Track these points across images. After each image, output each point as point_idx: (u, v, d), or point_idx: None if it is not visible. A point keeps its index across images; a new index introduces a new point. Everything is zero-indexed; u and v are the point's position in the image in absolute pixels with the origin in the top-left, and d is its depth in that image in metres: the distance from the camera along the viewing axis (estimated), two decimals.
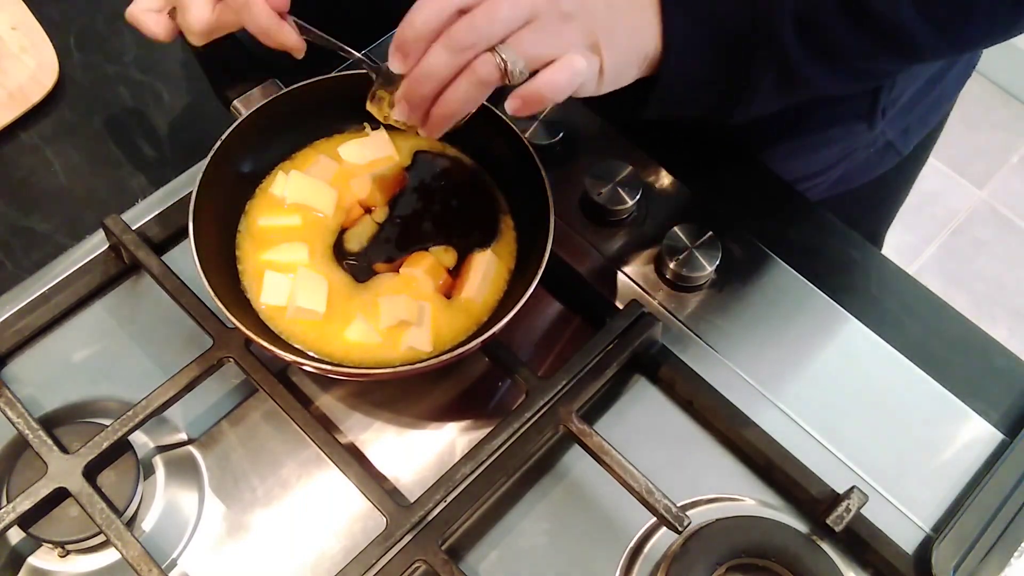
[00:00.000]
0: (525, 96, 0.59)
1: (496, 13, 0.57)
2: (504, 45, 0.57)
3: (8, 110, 0.84)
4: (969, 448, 0.73)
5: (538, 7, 0.58)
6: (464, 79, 0.58)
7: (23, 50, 0.87)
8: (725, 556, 0.66)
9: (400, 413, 0.73)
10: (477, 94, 0.59)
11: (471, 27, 0.57)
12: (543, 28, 0.58)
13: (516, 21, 0.58)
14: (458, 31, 0.57)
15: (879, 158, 0.95)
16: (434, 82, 0.59)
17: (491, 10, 0.57)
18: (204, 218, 0.69)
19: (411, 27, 0.58)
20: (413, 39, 0.58)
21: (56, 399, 0.72)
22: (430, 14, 0.58)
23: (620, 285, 0.78)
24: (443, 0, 0.58)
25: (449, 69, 0.58)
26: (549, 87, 0.58)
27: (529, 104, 0.59)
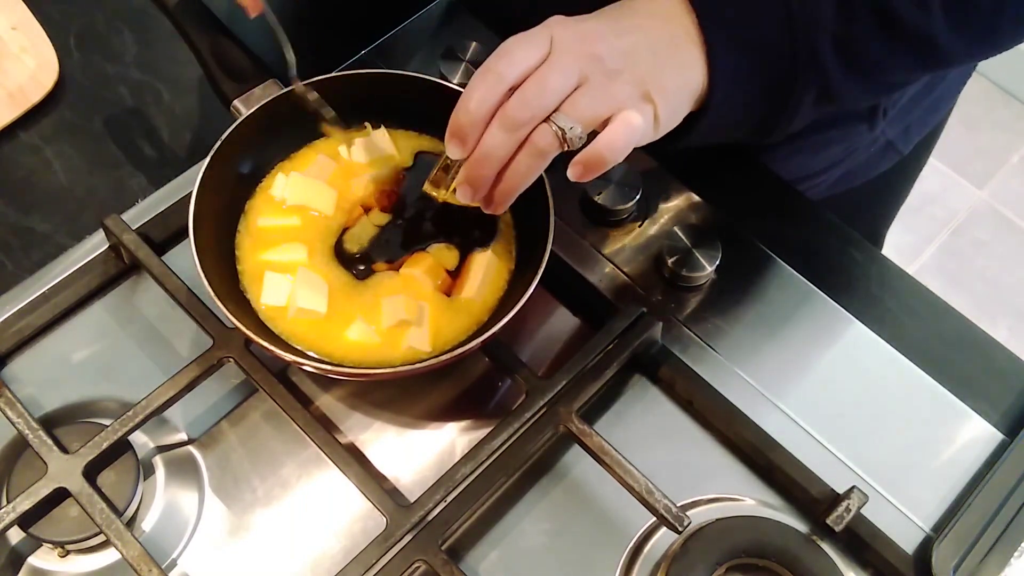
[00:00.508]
0: (586, 161, 0.59)
1: (546, 84, 0.57)
2: (558, 113, 0.58)
3: (8, 110, 0.84)
4: (969, 448, 0.73)
5: (585, 69, 0.58)
6: (524, 154, 0.59)
7: (23, 50, 0.87)
8: (725, 556, 0.66)
9: (400, 413, 0.73)
10: (537, 166, 0.60)
11: (524, 103, 0.57)
12: (594, 89, 0.58)
13: (567, 88, 0.58)
14: (512, 109, 0.57)
15: (879, 158, 0.95)
16: (495, 163, 0.59)
17: (541, 82, 0.57)
18: (204, 218, 0.69)
19: (465, 113, 0.58)
20: (469, 124, 0.59)
21: (56, 399, 0.72)
22: (482, 97, 0.58)
23: (620, 285, 0.78)
24: (492, 80, 0.58)
25: (508, 148, 0.59)
26: (609, 148, 0.59)
27: (591, 168, 0.60)
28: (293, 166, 0.76)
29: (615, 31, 0.60)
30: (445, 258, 0.73)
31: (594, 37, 0.59)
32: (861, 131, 0.89)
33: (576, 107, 0.58)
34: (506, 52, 0.58)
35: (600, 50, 0.59)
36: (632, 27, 0.60)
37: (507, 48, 0.58)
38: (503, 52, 0.58)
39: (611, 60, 0.59)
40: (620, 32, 0.60)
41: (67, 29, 0.90)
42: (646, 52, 0.60)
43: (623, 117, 0.59)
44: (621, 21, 0.61)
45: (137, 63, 0.89)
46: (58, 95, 0.86)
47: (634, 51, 0.59)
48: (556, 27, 0.59)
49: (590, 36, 0.59)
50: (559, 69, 0.58)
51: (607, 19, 0.61)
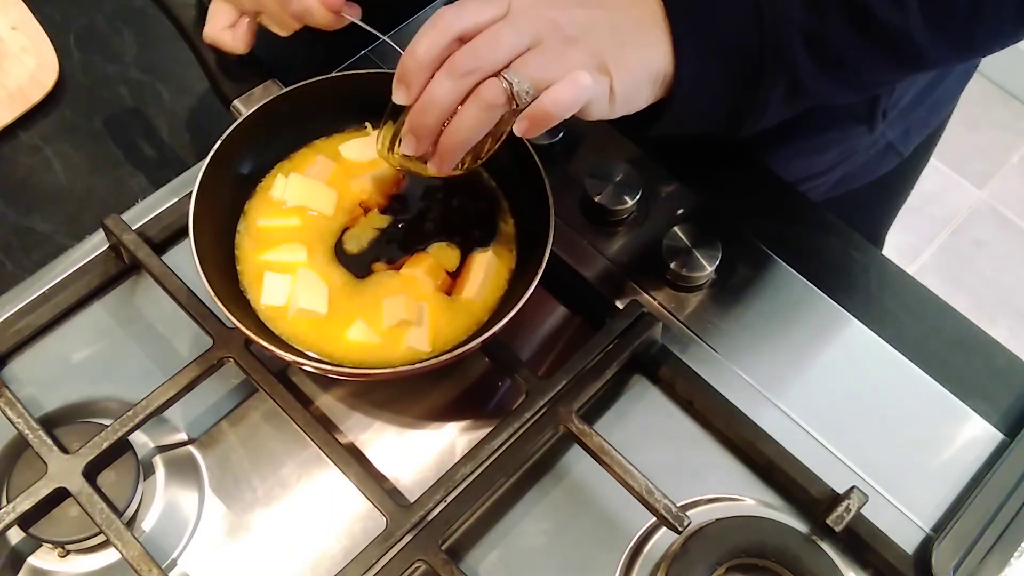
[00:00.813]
0: (532, 115, 0.58)
1: (499, 39, 0.57)
2: (509, 69, 0.57)
3: (8, 110, 0.84)
4: (969, 448, 0.73)
5: (541, 32, 0.58)
6: (470, 104, 0.58)
7: (23, 50, 0.87)
8: (725, 556, 0.66)
9: (400, 413, 0.73)
10: (485, 118, 0.59)
11: (473, 53, 0.57)
12: (547, 51, 0.58)
13: (519, 46, 0.57)
14: (461, 57, 0.57)
15: (880, 159, 0.95)
16: (439, 110, 0.58)
17: (493, 36, 0.57)
18: (204, 218, 0.69)
19: (412, 57, 0.58)
20: (415, 69, 0.58)
21: (56, 399, 0.72)
22: (431, 43, 0.57)
23: (620, 285, 0.78)
24: (442, 28, 0.57)
25: (454, 95, 0.58)
26: (554, 103, 0.58)
27: (536, 123, 0.59)
28: (293, 166, 0.76)
29: (578, 2, 0.59)
30: (445, 258, 0.73)
31: (554, 4, 0.58)
32: (861, 133, 0.89)
33: (527, 65, 0.57)
34: (460, 5, 0.57)
35: (559, 17, 0.58)
36: (596, 2, 0.60)
37: (462, 2, 0.58)
38: (458, 5, 0.57)
39: (569, 28, 0.58)
40: (583, 4, 0.59)
41: (67, 29, 0.90)
42: (606, 27, 0.59)
43: (572, 76, 0.58)
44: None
45: (137, 63, 0.89)
46: (58, 95, 0.86)
47: (594, 24, 0.59)
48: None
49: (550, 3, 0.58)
50: (513, 27, 0.57)
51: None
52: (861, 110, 0.87)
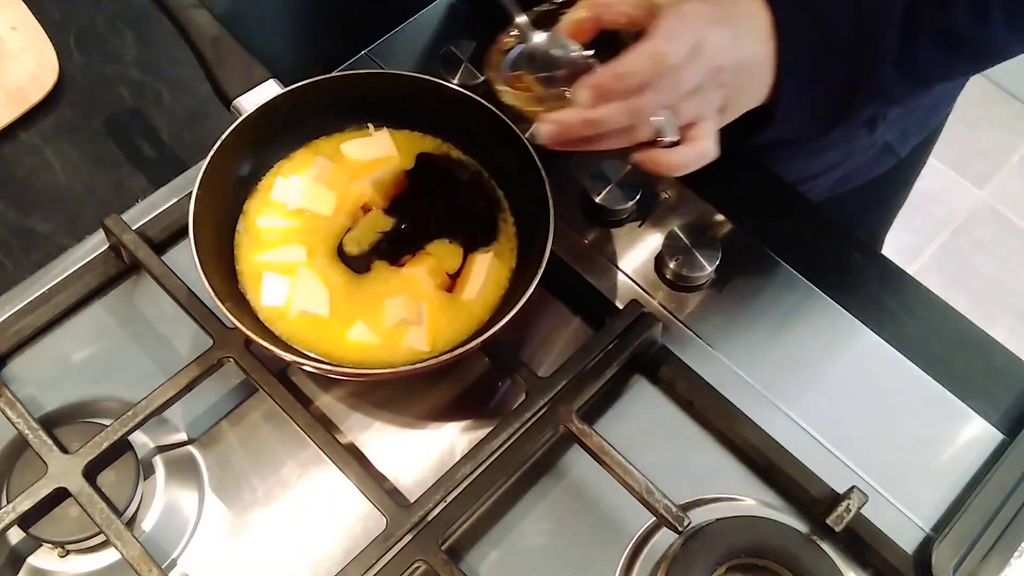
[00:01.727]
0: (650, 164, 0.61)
1: (678, 90, 0.59)
2: (667, 112, 0.59)
3: (8, 110, 0.84)
4: (969, 448, 0.73)
5: (706, 79, 0.60)
6: (622, 136, 0.60)
7: (23, 50, 0.87)
8: (725, 556, 0.66)
9: (400, 413, 0.73)
10: (624, 143, 0.61)
11: (657, 100, 0.58)
12: (702, 100, 0.60)
13: (687, 93, 0.59)
14: (646, 102, 0.58)
15: (877, 160, 0.95)
16: (600, 130, 0.60)
17: (675, 88, 0.58)
18: (204, 218, 0.69)
19: (620, 80, 0.58)
20: (621, 90, 0.58)
21: (56, 399, 0.72)
22: (644, 75, 0.58)
23: (620, 285, 0.78)
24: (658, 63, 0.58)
25: (620, 127, 0.59)
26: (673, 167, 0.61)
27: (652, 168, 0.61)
28: (293, 166, 0.76)
29: (739, 44, 0.61)
30: (446, 258, 0.73)
31: (728, 49, 0.60)
32: (861, 135, 0.90)
33: (680, 112, 0.60)
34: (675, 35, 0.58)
35: (725, 64, 0.60)
36: (749, 39, 0.62)
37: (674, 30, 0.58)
38: (673, 33, 0.58)
39: (726, 75, 0.61)
40: (741, 45, 0.61)
41: (67, 29, 0.90)
42: (746, 71, 0.62)
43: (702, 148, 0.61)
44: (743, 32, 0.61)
45: (137, 63, 0.89)
46: (58, 95, 0.86)
47: (738, 69, 0.61)
48: (705, 31, 0.59)
49: (726, 48, 0.60)
50: (693, 80, 0.59)
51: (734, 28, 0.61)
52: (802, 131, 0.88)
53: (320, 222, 0.74)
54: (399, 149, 0.77)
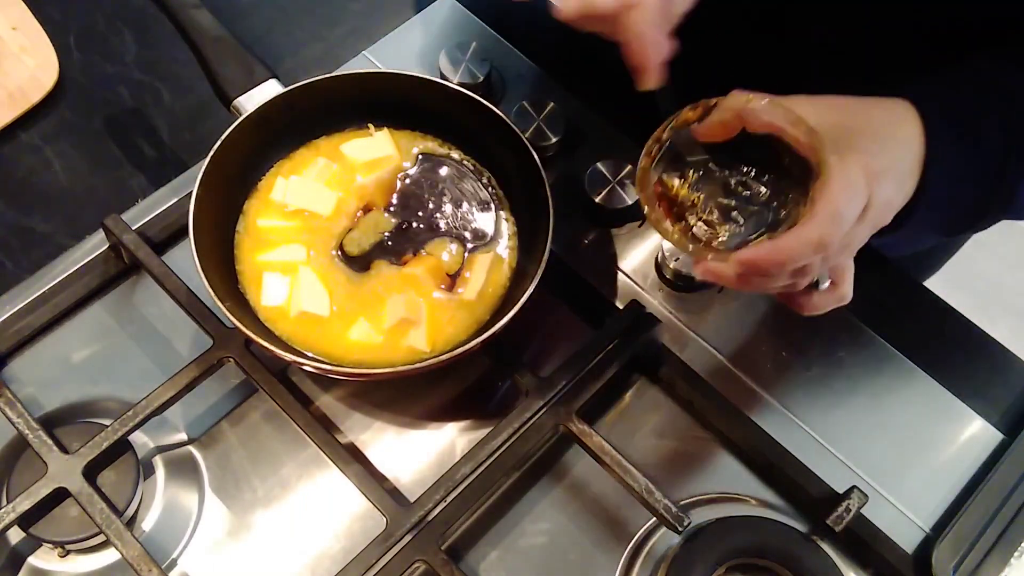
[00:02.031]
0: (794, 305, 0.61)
1: (849, 251, 0.58)
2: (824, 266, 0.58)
3: (8, 110, 0.84)
4: (969, 448, 0.73)
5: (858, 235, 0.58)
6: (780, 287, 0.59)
7: (23, 50, 0.87)
8: (725, 556, 0.66)
9: (400, 413, 0.73)
10: (783, 288, 0.60)
11: (822, 268, 0.58)
12: (853, 245, 0.59)
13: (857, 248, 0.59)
14: (813, 269, 0.57)
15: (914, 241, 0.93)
16: (759, 287, 0.58)
17: (846, 248, 0.58)
18: (204, 218, 0.69)
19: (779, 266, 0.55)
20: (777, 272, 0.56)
21: (56, 399, 0.72)
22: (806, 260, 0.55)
23: (620, 285, 0.78)
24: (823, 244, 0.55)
25: (783, 283, 0.58)
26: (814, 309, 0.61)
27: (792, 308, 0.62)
28: (293, 166, 0.76)
29: (900, 187, 0.59)
30: (446, 258, 0.73)
31: (892, 204, 0.58)
32: None
33: (837, 263, 0.59)
34: (840, 217, 0.55)
35: (884, 219, 0.58)
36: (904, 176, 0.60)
37: (841, 212, 0.55)
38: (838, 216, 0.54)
39: (881, 218, 0.58)
40: (900, 193, 0.59)
41: (67, 29, 0.90)
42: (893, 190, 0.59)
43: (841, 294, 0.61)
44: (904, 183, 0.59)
45: (137, 63, 0.89)
46: (58, 95, 0.86)
47: (891, 210, 0.59)
48: (874, 185, 0.57)
49: (891, 204, 0.58)
50: (858, 242, 0.58)
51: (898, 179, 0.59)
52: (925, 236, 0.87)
53: (320, 222, 0.74)
54: (399, 149, 0.77)
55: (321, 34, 0.91)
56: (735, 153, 0.60)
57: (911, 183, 0.60)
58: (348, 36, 0.90)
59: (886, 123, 0.60)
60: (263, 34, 0.78)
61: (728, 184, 0.60)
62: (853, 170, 0.56)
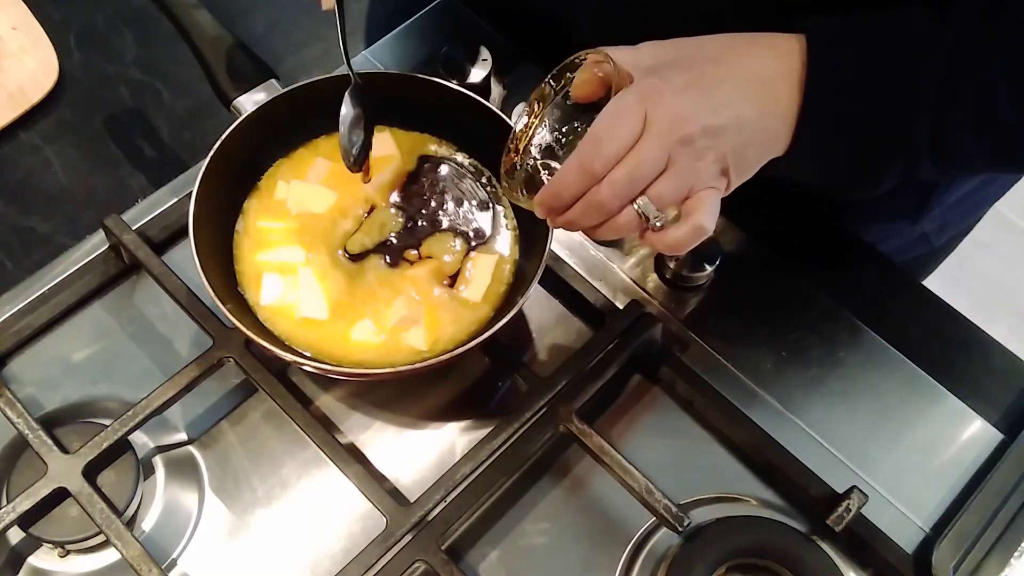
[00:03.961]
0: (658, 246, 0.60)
1: (637, 173, 0.57)
2: (644, 199, 0.58)
3: (8, 110, 0.84)
4: (969, 448, 0.73)
5: (674, 151, 0.58)
6: (607, 227, 0.60)
7: (23, 50, 0.87)
8: (725, 556, 0.66)
9: (400, 413, 0.73)
10: (617, 235, 0.60)
11: (613, 192, 0.57)
12: (678, 173, 0.58)
13: (655, 174, 0.58)
14: (603, 196, 0.57)
15: (912, 246, 0.93)
16: (576, 228, 0.60)
17: (631, 171, 0.57)
18: (204, 218, 0.69)
19: (555, 197, 0.59)
20: (558, 205, 0.59)
21: (56, 399, 0.72)
22: (574, 185, 0.58)
23: (620, 285, 0.78)
24: (585, 175, 0.57)
25: (595, 222, 0.59)
26: (672, 246, 0.60)
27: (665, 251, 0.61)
28: (293, 165, 0.76)
29: (710, 108, 0.59)
30: (448, 258, 0.73)
31: (688, 118, 0.58)
32: (903, 226, 0.88)
33: (661, 195, 0.58)
34: (598, 140, 0.57)
35: (692, 132, 0.58)
36: (727, 101, 0.59)
37: (600, 135, 0.56)
38: (596, 139, 0.57)
39: (700, 141, 0.58)
40: (714, 109, 0.59)
41: (67, 29, 0.90)
42: (734, 130, 0.59)
43: (696, 223, 0.59)
44: (717, 94, 0.59)
45: (137, 63, 0.89)
46: (58, 95, 0.86)
47: (723, 130, 0.59)
48: (651, 102, 0.57)
49: (684, 118, 0.58)
50: (650, 158, 0.57)
51: (703, 92, 0.59)
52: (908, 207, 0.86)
53: (320, 222, 0.74)
54: (399, 149, 0.77)
55: (321, 34, 0.91)
56: None
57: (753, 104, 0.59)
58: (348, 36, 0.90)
59: (728, 49, 0.60)
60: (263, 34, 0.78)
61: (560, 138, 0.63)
62: (623, 96, 0.57)
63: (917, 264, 0.99)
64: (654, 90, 0.57)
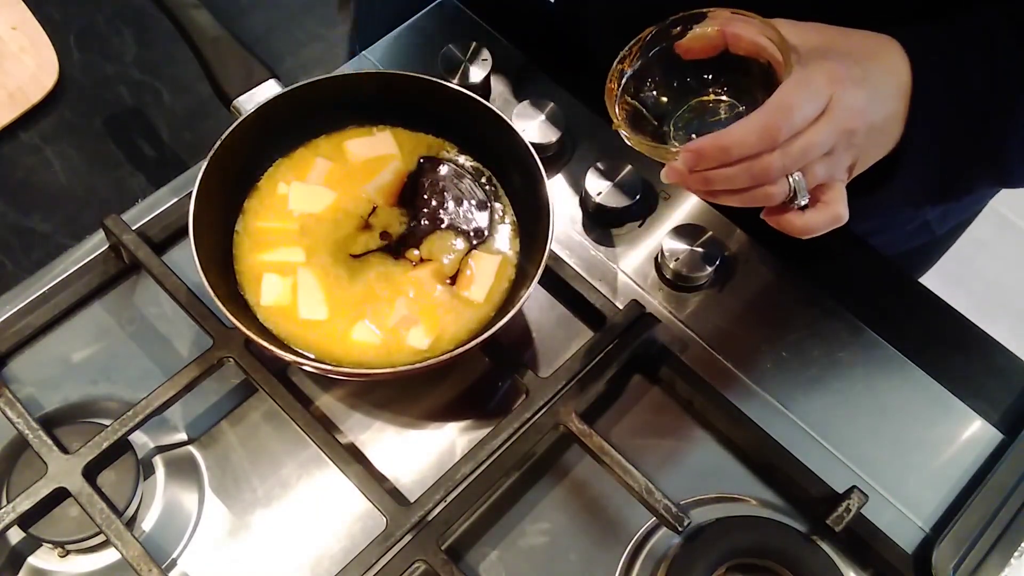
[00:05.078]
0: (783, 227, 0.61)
1: (808, 153, 0.57)
2: (798, 173, 0.58)
3: (8, 110, 0.84)
4: (969, 448, 0.73)
5: (839, 141, 0.58)
6: (751, 194, 0.59)
7: (23, 50, 0.87)
8: (725, 556, 0.66)
9: (400, 413, 0.73)
10: (747, 204, 0.60)
11: (783, 164, 0.57)
12: (835, 161, 0.59)
13: (820, 155, 0.58)
14: (772, 162, 0.56)
15: (912, 235, 0.93)
16: (716, 188, 0.58)
17: (806, 150, 0.57)
18: (204, 218, 0.69)
19: (724, 153, 0.56)
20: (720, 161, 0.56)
21: (56, 399, 0.72)
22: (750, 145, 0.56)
23: (620, 285, 0.78)
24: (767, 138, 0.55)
25: (743, 187, 0.58)
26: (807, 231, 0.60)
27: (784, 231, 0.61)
28: (292, 166, 0.76)
29: (876, 106, 0.59)
30: (446, 258, 0.73)
31: (862, 113, 0.58)
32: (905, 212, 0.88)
33: (815, 175, 0.59)
34: (789, 109, 0.55)
35: (859, 127, 0.58)
36: (885, 98, 0.60)
37: (792, 104, 0.55)
38: (788, 107, 0.55)
39: (859, 137, 0.59)
40: (878, 108, 0.60)
41: (67, 29, 0.90)
42: (878, 132, 0.61)
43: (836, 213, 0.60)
44: (880, 92, 0.60)
45: (137, 63, 0.89)
46: (58, 95, 0.86)
47: (872, 131, 0.60)
48: (838, 87, 0.57)
49: (860, 112, 0.58)
50: (824, 141, 0.57)
51: (873, 88, 0.59)
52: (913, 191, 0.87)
53: (320, 222, 0.74)
54: (400, 149, 0.77)
55: (321, 34, 0.91)
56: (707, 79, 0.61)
57: (893, 106, 0.60)
58: (348, 36, 0.91)
59: (869, 48, 0.61)
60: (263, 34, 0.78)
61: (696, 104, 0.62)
62: (814, 72, 0.56)
63: (918, 256, 0.98)
64: (840, 76, 0.57)
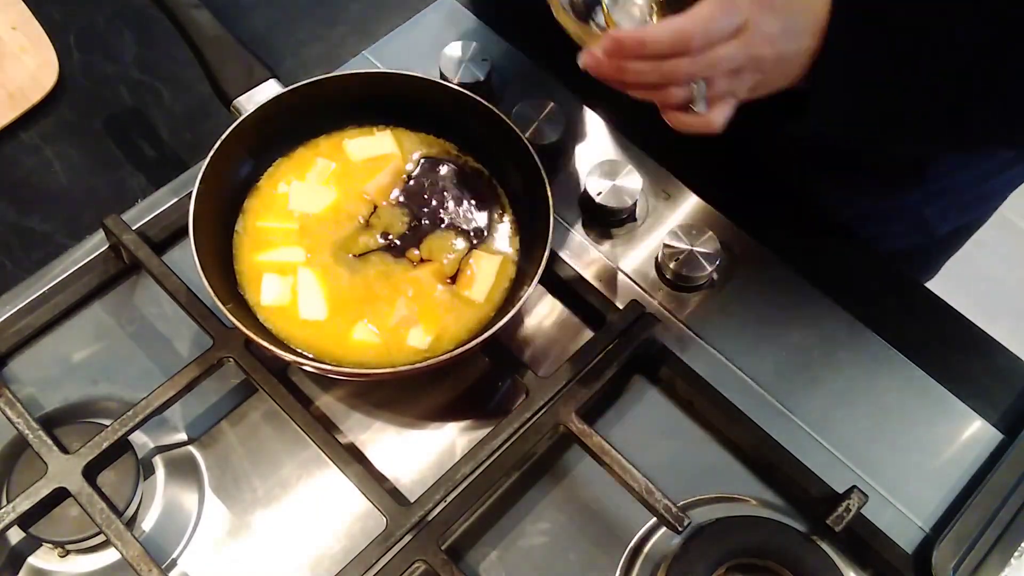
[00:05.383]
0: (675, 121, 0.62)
1: (718, 66, 0.59)
2: (702, 81, 0.59)
3: (8, 110, 0.84)
4: (969, 448, 0.73)
5: (746, 63, 0.60)
6: (659, 92, 0.60)
7: (23, 50, 0.87)
8: (725, 556, 0.66)
9: (400, 413, 0.73)
10: (651, 99, 0.61)
11: (691, 71, 0.59)
12: (737, 78, 0.60)
13: (728, 71, 0.60)
14: (682, 67, 0.58)
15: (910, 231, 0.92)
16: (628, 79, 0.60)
17: (714, 63, 0.58)
18: (204, 218, 0.69)
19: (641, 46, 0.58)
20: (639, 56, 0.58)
21: (56, 399, 0.72)
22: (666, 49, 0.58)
23: (620, 285, 0.78)
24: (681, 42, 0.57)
25: (650, 84, 0.60)
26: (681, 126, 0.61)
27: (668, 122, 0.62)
28: (292, 166, 0.76)
29: (788, 37, 0.61)
30: (447, 258, 0.73)
31: (773, 42, 0.60)
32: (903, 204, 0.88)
33: (717, 88, 0.60)
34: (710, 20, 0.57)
35: (768, 55, 0.60)
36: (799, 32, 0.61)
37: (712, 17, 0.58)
38: (709, 18, 0.57)
39: (765, 64, 0.61)
40: (791, 39, 0.61)
41: (67, 29, 0.90)
42: (785, 63, 0.62)
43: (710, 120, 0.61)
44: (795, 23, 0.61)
45: (137, 63, 0.89)
46: (58, 95, 0.86)
47: (780, 60, 0.61)
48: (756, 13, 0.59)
49: (771, 40, 0.60)
50: (733, 58, 0.59)
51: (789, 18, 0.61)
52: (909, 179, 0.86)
53: (320, 222, 0.74)
54: (400, 149, 0.77)
55: (321, 34, 0.91)
56: None
57: (806, 42, 0.61)
58: (348, 36, 0.90)
59: None
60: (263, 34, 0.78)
61: None
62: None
63: (917, 258, 0.98)
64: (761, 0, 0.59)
